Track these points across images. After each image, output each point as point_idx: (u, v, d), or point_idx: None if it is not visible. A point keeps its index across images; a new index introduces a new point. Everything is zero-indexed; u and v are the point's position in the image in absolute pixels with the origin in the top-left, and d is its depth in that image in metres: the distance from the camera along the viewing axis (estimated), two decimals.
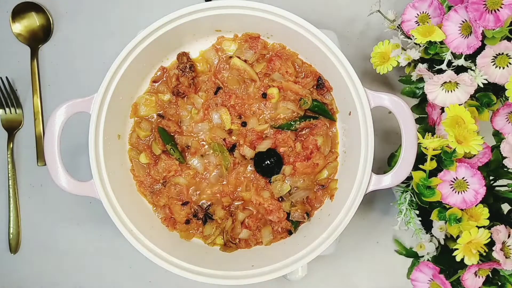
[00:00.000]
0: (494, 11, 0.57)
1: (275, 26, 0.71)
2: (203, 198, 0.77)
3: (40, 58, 0.88)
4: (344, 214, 0.69)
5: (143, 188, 0.77)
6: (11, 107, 0.87)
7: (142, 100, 0.77)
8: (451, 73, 0.61)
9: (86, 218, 0.87)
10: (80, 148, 0.78)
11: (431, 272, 0.61)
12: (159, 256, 0.69)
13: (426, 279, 0.62)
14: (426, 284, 0.62)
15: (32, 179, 0.87)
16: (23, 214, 0.87)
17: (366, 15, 0.72)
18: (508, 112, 0.63)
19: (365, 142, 0.69)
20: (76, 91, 0.86)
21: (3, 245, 0.86)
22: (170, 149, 0.75)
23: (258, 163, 0.76)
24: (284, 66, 0.76)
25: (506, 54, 0.60)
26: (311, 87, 0.77)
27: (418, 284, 0.63)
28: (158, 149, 0.75)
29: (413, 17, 0.66)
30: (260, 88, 0.77)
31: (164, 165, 0.76)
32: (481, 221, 0.60)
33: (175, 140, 0.77)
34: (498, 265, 0.58)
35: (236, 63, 0.76)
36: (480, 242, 0.58)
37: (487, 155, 0.64)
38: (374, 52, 0.69)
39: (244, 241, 0.77)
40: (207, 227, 0.76)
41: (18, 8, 0.87)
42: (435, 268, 0.60)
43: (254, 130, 0.77)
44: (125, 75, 0.70)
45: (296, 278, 0.74)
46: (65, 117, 0.67)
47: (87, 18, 0.89)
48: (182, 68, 0.76)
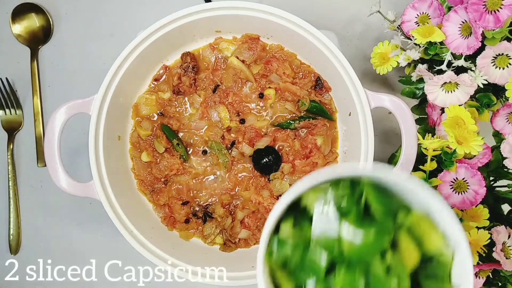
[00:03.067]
0: (494, 11, 0.57)
1: (274, 27, 0.71)
2: (203, 196, 0.78)
3: (40, 59, 0.88)
4: None
5: (143, 187, 0.78)
6: (11, 108, 0.87)
7: (143, 100, 0.77)
8: (451, 73, 0.61)
9: (86, 219, 0.87)
10: (80, 149, 0.78)
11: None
12: (159, 256, 0.69)
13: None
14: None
15: (32, 180, 0.87)
16: (23, 215, 0.87)
17: (366, 15, 0.72)
18: (508, 112, 0.63)
19: (365, 142, 0.69)
20: (76, 92, 0.86)
21: (3, 246, 0.86)
22: (176, 144, 0.75)
23: (257, 161, 0.76)
24: (281, 67, 0.76)
25: (506, 54, 0.60)
26: (309, 87, 0.77)
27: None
28: (161, 147, 0.76)
29: (413, 18, 0.66)
30: (257, 89, 0.77)
31: (166, 164, 0.76)
32: (481, 221, 0.60)
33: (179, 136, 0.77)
34: (498, 266, 0.58)
35: (233, 62, 0.76)
36: (479, 243, 0.58)
37: (487, 155, 0.63)
38: (374, 53, 0.69)
39: (243, 241, 0.77)
40: (207, 226, 0.76)
41: (18, 9, 0.87)
42: None
43: (253, 128, 0.77)
44: (125, 76, 0.71)
45: None
46: (65, 118, 0.67)
47: (87, 19, 0.89)
48: (185, 67, 0.76)
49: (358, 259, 0.42)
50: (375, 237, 0.41)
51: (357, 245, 0.41)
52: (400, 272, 0.41)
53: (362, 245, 0.41)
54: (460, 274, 0.41)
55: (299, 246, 0.43)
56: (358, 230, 0.41)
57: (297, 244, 0.43)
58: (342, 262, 0.42)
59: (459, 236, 0.41)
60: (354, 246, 0.41)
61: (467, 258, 0.40)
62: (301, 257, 0.43)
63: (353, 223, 0.42)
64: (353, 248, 0.41)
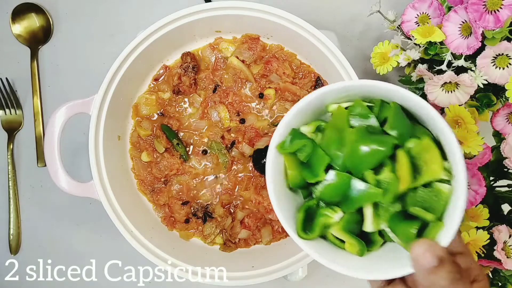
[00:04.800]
0: (494, 11, 0.57)
1: (274, 27, 0.71)
2: (203, 196, 0.78)
3: (40, 59, 0.88)
4: None
5: (143, 187, 0.78)
6: (11, 108, 0.87)
7: (143, 100, 0.77)
8: (451, 73, 0.61)
9: (86, 219, 0.87)
10: (80, 149, 0.78)
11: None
12: (159, 256, 0.69)
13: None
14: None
15: (32, 180, 0.87)
16: (23, 215, 0.87)
17: (366, 15, 0.72)
18: (508, 112, 0.63)
19: None
20: (76, 92, 0.85)
21: (3, 246, 0.86)
22: (176, 144, 0.75)
23: (257, 161, 0.76)
24: (281, 67, 0.76)
25: (506, 54, 0.60)
26: (309, 87, 0.77)
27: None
28: (161, 147, 0.76)
29: (413, 18, 0.66)
30: (257, 89, 0.77)
31: (166, 164, 0.76)
32: (481, 221, 0.60)
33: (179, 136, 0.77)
34: (499, 264, 0.58)
35: (233, 62, 0.76)
36: (478, 244, 0.58)
37: (487, 155, 0.63)
38: (374, 53, 0.69)
39: (243, 241, 0.77)
40: (207, 226, 0.76)
41: (18, 9, 0.87)
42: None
43: (253, 127, 0.77)
44: (125, 76, 0.71)
45: (297, 279, 0.74)
46: (65, 118, 0.67)
47: (87, 19, 0.89)
48: (185, 67, 0.76)
49: (353, 166, 0.43)
50: (377, 150, 0.42)
51: (358, 154, 0.42)
52: (391, 188, 0.42)
53: (362, 154, 0.42)
54: (449, 214, 0.41)
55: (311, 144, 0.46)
56: (365, 138, 0.43)
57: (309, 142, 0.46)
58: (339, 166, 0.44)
59: (459, 173, 0.39)
60: (355, 154, 0.43)
61: (461, 198, 0.39)
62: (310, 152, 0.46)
63: (362, 133, 0.43)
64: (353, 155, 0.43)
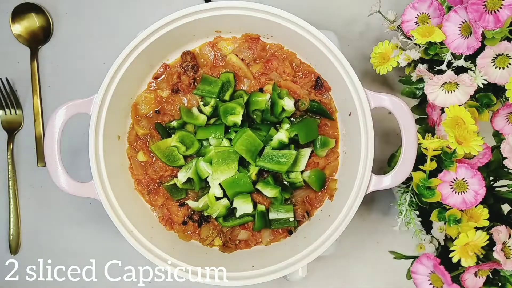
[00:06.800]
0: (493, 11, 0.57)
1: (274, 27, 0.71)
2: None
3: (40, 59, 0.88)
4: (344, 214, 0.69)
5: (140, 186, 0.77)
6: (11, 108, 0.87)
7: (142, 98, 0.77)
8: (451, 73, 0.61)
9: (86, 218, 0.87)
10: (80, 149, 0.78)
11: (431, 263, 0.61)
12: (159, 256, 0.69)
13: (427, 272, 0.61)
14: (427, 277, 0.61)
15: (32, 180, 0.87)
16: (23, 215, 0.87)
17: (366, 15, 0.72)
18: (508, 112, 0.63)
19: (365, 142, 0.69)
20: (76, 92, 0.85)
21: (3, 246, 0.86)
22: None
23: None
24: (281, 66, 0.76)
25: (506, 54, 0.60)
26: (309, 87, 0.77)
27: (418, 277, 0.62)
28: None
29: (413, 18, 0.66)
30: (255, 86, 0.77)
31: (161, 164, 0.76)
32: (481, 222, 0.60)
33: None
34: (499, 265, 0.58)
35: (232, 59, 0.76)
36: (477, 244, 0.58)
37: (487, 155, 0.64)
38: (374, 53, 0.69)
39: (244, 242, 0.77)
40: (204, 229, 0.76)
41: (18, 9, 0.88)
42: (435, 259, 0.60)
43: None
44: (125, 75, 0.70)
45: (297, 279, 0.74)
46: (65, 118, 0.67)
47: (86, 19, 0.89)
48: (185, 66, 0.76)
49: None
50: None
51: None
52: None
53: None
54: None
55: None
56: None
57: None
58: None
59: None
60: None
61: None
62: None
63: None
64: None
